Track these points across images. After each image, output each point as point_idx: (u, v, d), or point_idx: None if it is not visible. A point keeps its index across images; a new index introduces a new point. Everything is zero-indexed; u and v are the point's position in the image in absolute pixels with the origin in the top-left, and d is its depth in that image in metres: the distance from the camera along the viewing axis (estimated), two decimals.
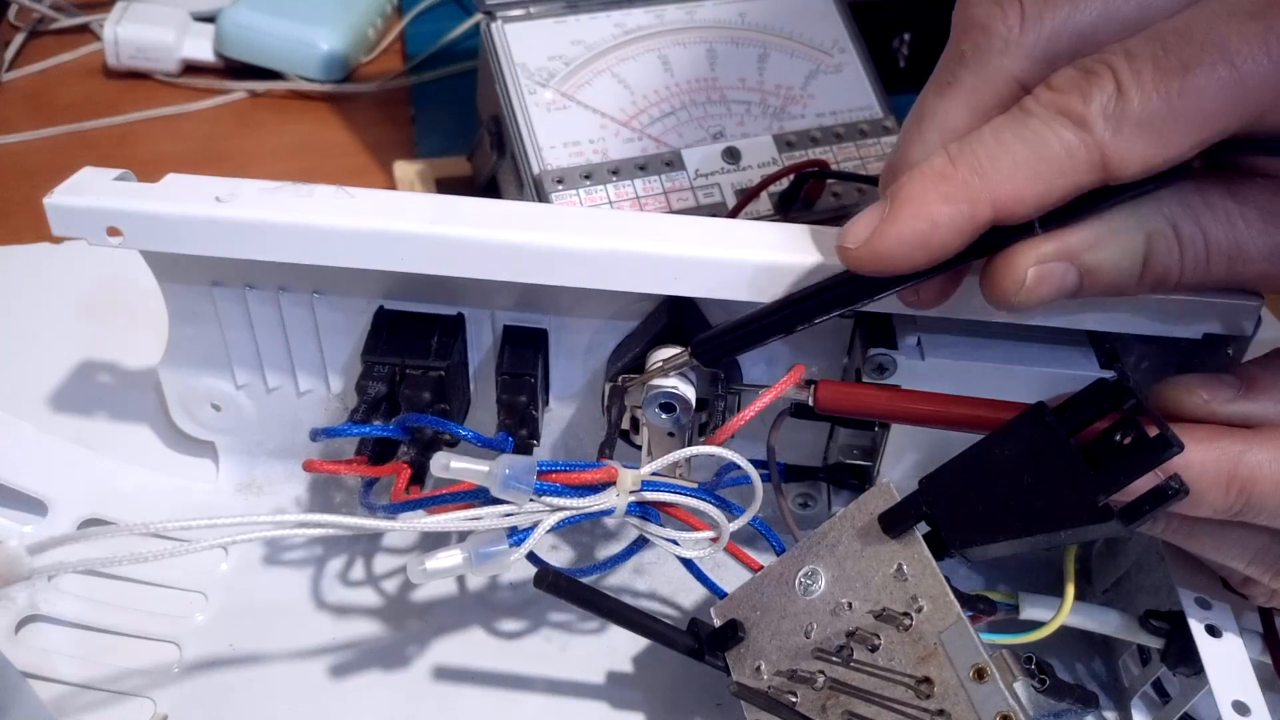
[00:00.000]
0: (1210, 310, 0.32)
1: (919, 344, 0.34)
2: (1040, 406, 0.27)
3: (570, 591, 0.31)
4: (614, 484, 0.30)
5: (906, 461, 0.36)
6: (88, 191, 0.33)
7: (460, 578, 0.39)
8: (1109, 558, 0.37)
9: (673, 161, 0.46)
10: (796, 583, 0.30)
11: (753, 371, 0.37)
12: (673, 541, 0.31)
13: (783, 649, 0.30)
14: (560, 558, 0.40)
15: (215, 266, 0.36)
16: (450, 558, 0.30)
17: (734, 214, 0.45)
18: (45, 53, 0.67)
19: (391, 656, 0.36)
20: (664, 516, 0.32)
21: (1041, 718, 0.34)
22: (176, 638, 0.36)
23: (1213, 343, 0.33)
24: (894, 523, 0.28)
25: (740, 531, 0.32)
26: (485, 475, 0.30)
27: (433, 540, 0.38)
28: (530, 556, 0.31)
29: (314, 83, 0.65)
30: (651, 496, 0.31)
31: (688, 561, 0.33)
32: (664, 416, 0.33)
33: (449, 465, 0.30)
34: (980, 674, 0.26)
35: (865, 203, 0.47)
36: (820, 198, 0.46)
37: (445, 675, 0.36)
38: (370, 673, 0.36)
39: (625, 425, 0.36)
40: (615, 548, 0.38)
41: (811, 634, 0.29)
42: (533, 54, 0.47)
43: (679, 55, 0.49)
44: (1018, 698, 0.25)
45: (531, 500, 0.30)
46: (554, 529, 0.30)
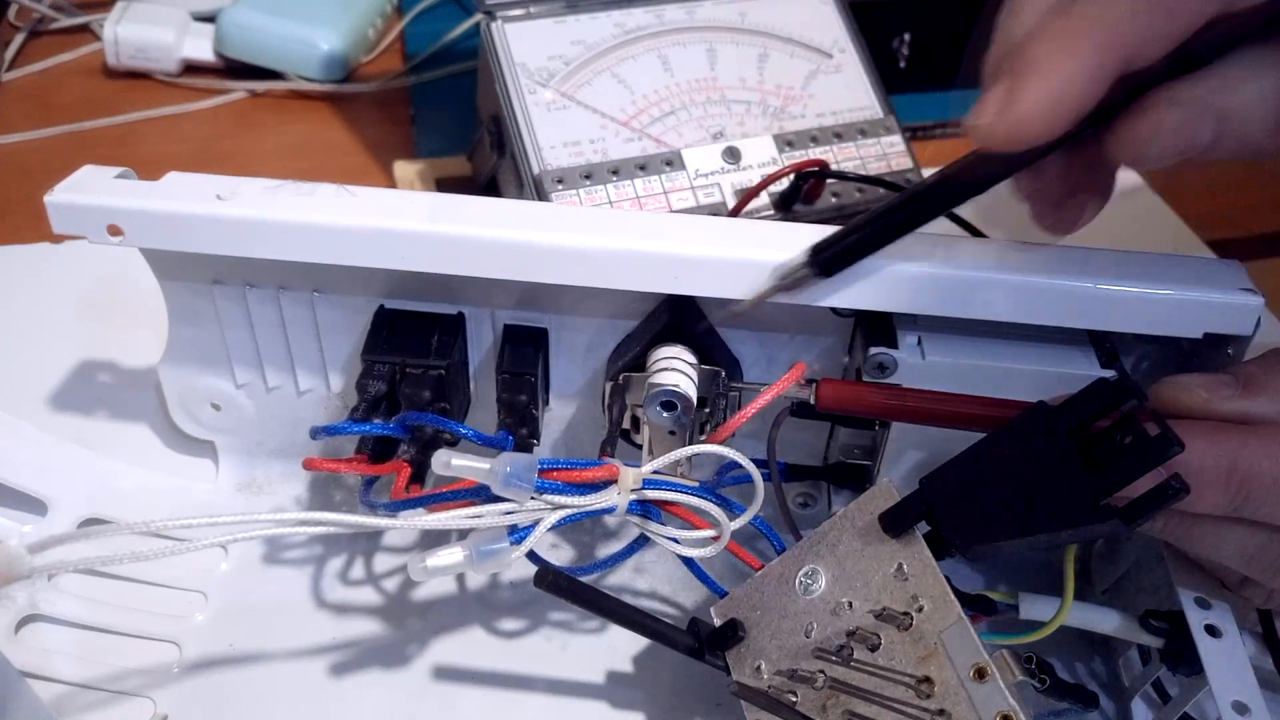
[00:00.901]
0: (1210, 310, 0.32)
1: (919, 343, 0.34)
2: (1040, 406, 0.27)
3: (570, 590, 0.31)
4: (615, 482, 0.30)
5: (907, 461, 0.36)
6: (88, 189, 0.33)
7: (460, 576, 0.39)
8: (1109, 558, 0.37)
9: (673, 161, 0.46)
10: (797, 582, 0.30)
11: (753, 371, 0.37)
12: (674, 540, 0.31)
13: (783, 648, 0.30)
14: (560, 556, 0.40)
15: (216, 265, 0.36)
16: (451, 555, 0.30)
17: (734, 214, 0.45)
18: (45, 53, 0.67)
19: (391, 656, 0.36)
20: (665, 515, 0.32)
21: (1042, 718, 0.34)
22: (176, 637, 0.36)
23: (1213, 342, 0.33)
24: (894, 522, 0.28)
25: (741, 530, 0.32)
26: (486, 473, 0.30)
27: (433, 539, 0.38)
28: (531, 555, 0.31)
29: (314, 83, 0.65)
30: (653, 495, 0.31)
31: (688, 560, 0.33)
32: (665, 415, 0.33)
33: (450, 463, 0.30)
34: (981, 674, 0.26)
35: (865, 202, 0.47)
36: (820, 198, 0.46)
37: (445, 675, 0.36)
38: (370, 672, 0.36)
39: (626, 424, 0.36)
40: (615, 546, 0.38)
41: (812, 633, 0.29)
42: (533, 54, 0.47)
43: (679, 55, 0.49)
44: (1018, 697, 0.25)
45: (532, 498, 0.30)
46: (555, 527, 0.30)
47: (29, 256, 0.50)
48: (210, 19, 0.65)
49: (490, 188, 0.51)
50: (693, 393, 0.33)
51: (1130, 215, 0.58)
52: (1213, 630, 0.30)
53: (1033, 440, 0.27)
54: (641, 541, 0.35)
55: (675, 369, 0.34)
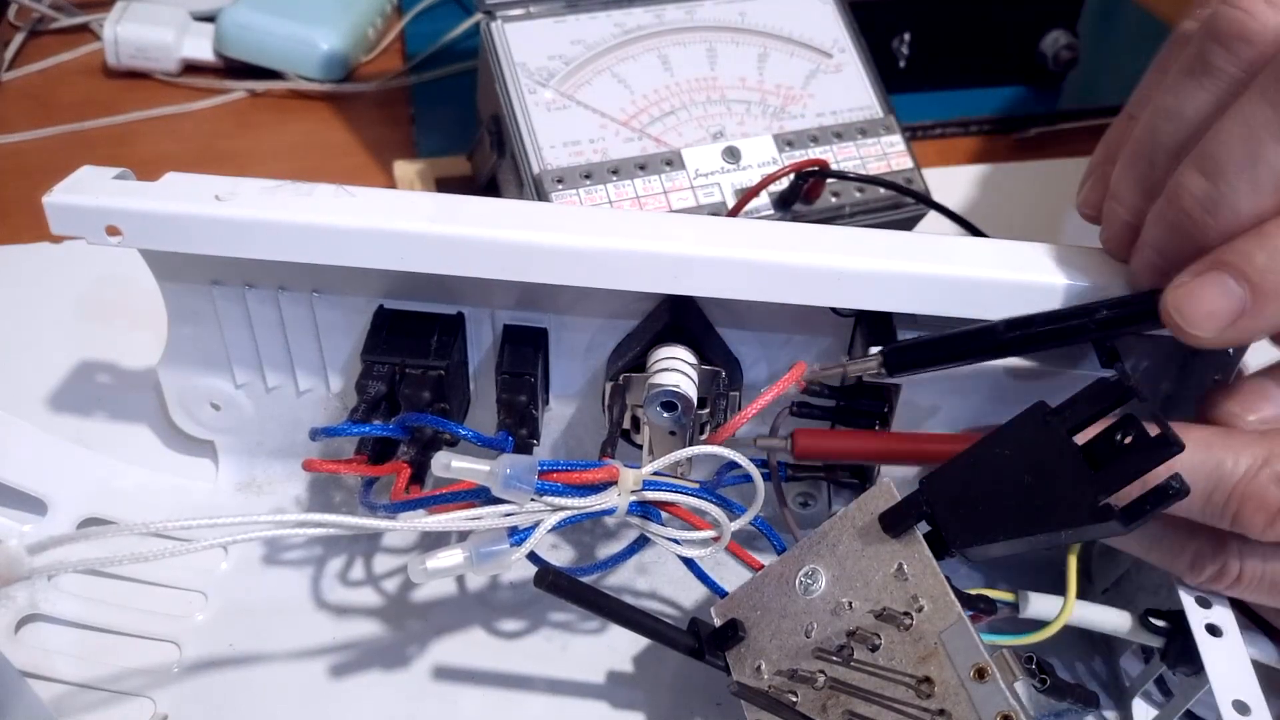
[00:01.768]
0: None
1: None
2: (1040, 406, 0.27)
3: (570, 591, 0.31)
4: (615, 483, 0.30)
5: None
6: (87, 190, 0.33)
7: (460, 577, 0.39)
8: (1109, 557, 0.37)
9: (673, 161, 0.46)
10: (797, 582, 0.30)
11: (753, 371, 0.37)
12: (674, 541, 0.31)
13: (783, 648, 0.30)
14: (561, 557, 0.40)
15: (215, 265, 0.36)
16: (451, 557, 0.30)
17: (734, 213, 0.45)
18: (45, 52, 0.67)
19: (391, 656, 0.36)
20: (665, 516, 0.32)
21: (1042, 718, 0.34)
22: (176, 637, 0.36)
23: None
24: (894, 522, 0.28)
25: (741, 531, 0.32)
26: (486, 475, 0.29)
27: (433, 540, 0.38)
28: (531, 556, 0.31)
29: (314, 82, 0.65)
30: (653, 496, 0.31)
31: (689, 561, 0.33)
32: (665, 415, 0.33)
33: (450, 465, 0.29)
34: (981, 674, 0.26)
35: (865, 202, 0.47)
36: (820, 197, 0.46)
37: (445, 675, 0.36)
38: (370, 673, 0.36)
39: (626, 424, 0.36)
40: (616, 547, 0.38)
41: (812, 633, 0.29)
42: (533, 54, 0.47)
43: (679, 55, 0.49)
44: (1018, 697, 0.25)
45: (533, 500, 0.30)
46: (555, 528, 0.30)
47: (29, 256, 0.50)
48: (210, 19, 0.65)
49: (490, 188, 0.51)
50: (693, 393, 0.33)
51: None
52: (1213, 629, 0.30)
53: (1032, 440, 0.27)
54: (641, 542, 0.35)
55: (675, 369, 0.34)
